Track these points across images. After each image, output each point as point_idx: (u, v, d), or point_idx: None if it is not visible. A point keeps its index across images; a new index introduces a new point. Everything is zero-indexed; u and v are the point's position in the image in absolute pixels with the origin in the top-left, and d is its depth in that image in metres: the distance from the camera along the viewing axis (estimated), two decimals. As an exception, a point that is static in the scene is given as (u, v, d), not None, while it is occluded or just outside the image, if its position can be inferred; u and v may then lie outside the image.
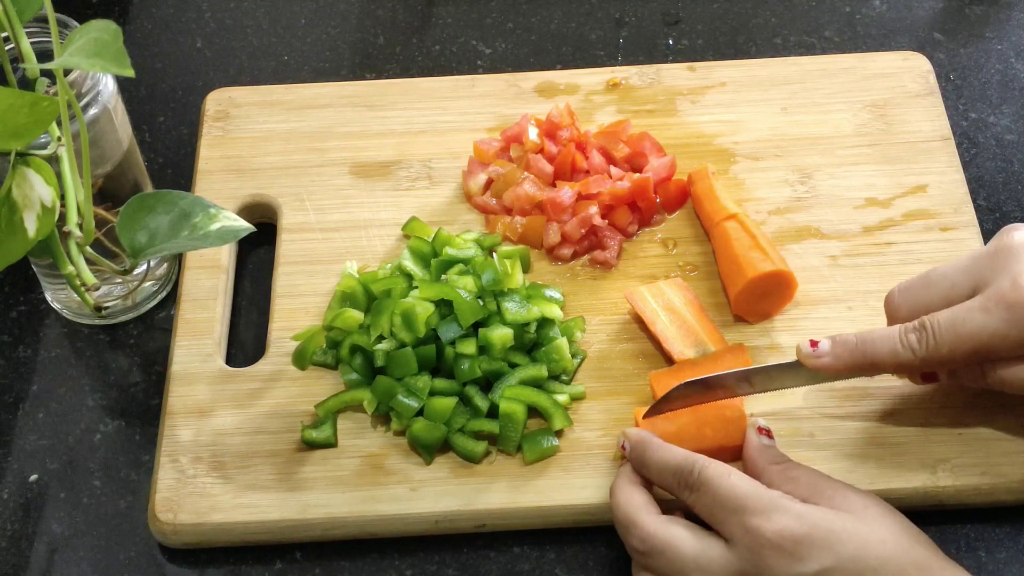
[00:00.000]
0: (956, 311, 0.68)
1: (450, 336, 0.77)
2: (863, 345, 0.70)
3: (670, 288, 0.81)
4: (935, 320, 0.69)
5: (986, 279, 0.68)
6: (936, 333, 0.68)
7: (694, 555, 0.66)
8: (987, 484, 0.74)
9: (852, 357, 0.71)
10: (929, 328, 0.69)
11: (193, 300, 0.83)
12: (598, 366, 0.80)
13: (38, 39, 0.73)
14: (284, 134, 0.91)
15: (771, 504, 0.66)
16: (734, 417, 0.74)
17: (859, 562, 0.64)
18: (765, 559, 0.65)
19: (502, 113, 0.92)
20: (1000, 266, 0.68)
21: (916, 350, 0.69)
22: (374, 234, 0.86)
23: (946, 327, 0.68)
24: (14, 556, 0.75)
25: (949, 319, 0.68)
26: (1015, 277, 0.67)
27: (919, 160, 0.88)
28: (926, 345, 0.68)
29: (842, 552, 0.64)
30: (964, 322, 0.68)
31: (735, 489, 0.67)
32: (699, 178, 0.87)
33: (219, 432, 0.77)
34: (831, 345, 0.71)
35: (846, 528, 0.65)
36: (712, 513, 0.67)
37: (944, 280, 0.70)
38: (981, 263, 0.69)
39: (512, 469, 0.76)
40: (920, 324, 0.69)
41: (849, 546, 0.64)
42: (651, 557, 0.68)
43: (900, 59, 0.94)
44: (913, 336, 0.69)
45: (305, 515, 0.74)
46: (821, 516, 0.66)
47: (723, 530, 0.67)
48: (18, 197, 0.67)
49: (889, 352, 0.70)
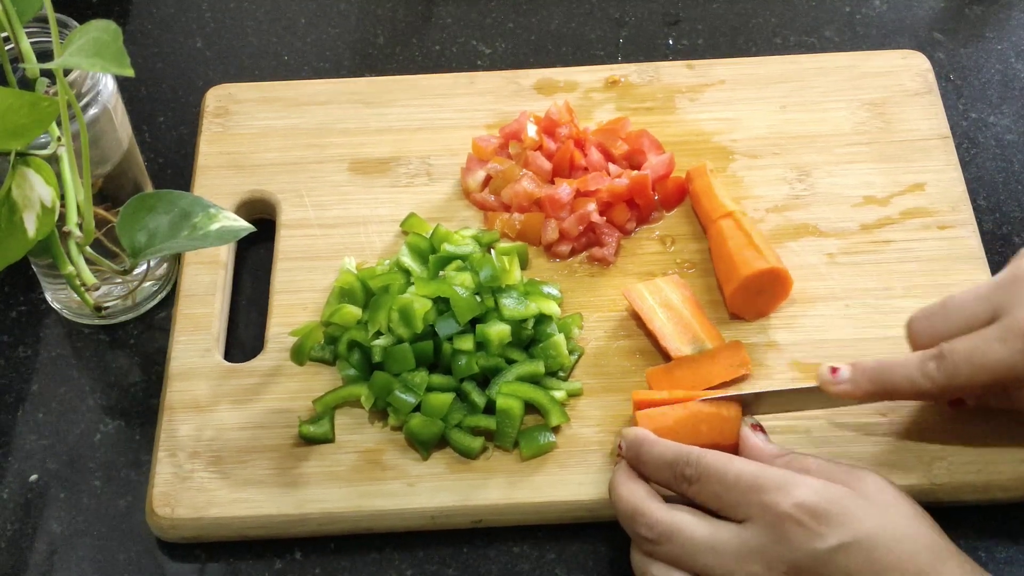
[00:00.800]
0: (975, 340, 0.68)
1: (448, 332, 0.77)
2: (882, 373, 0.70)
3: (668, 285, 0.81)
4: (953, 349, 0.68)
5: (1004, 307, 0.68)
6: (955, 362, 0.68)
7: (705, 537, 0.66)
8: (982, 482, 0.74)
9: (871, 384, 0.71)
10: (948, 357, 0.68)
11: (192, 296, 0.83)
12: (595, 363, 0.80)
13: (38, 39, 0.73)
14: (283, 130, 0.91)
15: (785, 479, 0.66)
16: (730, 416, 0.74)
17: (875, 540, 0.64)
18: (786, 533, 0.64)
19: (501, 110, 0.92)
20: (1018, 294, 0.67)
21: (935, 379, 0.68)
22: (373, 230, 0.86)
23: (964, 357, 0.68)
24: (14, 556, 0.75)
25: (968, 348, 0.68)
26: None
27: (917, 158, 0.88)
28: (945, 374, 0.68)
29: (859, 529, 0.64)
30: (982, 352, 0.67)
31: (744, 471, 0.67)
32: (697, 176, 0.87)
33: (217, 427, 0.77)
34: (851, 372, 0.71)
35: (861, 506, 0.65)
36: (721, 499, 0.67)
37: (963, 307, 0.70)
38: (999, 290, 0.69)
39: (509, 465, 0.76)
40: (939, 352, 0.68)
41: (866, 523, 0.65)
42: (660, 544, 0.67)
43: (899, 57, 0.94)
44: (932, 364, 0.68)
45: (302, 510, 0.74)
46: (838, 492, 0.66)
47: (737, 513, 0.66)
48: (18, 197, 0.67)
49: (908, 380, 0.69)
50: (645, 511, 0.68)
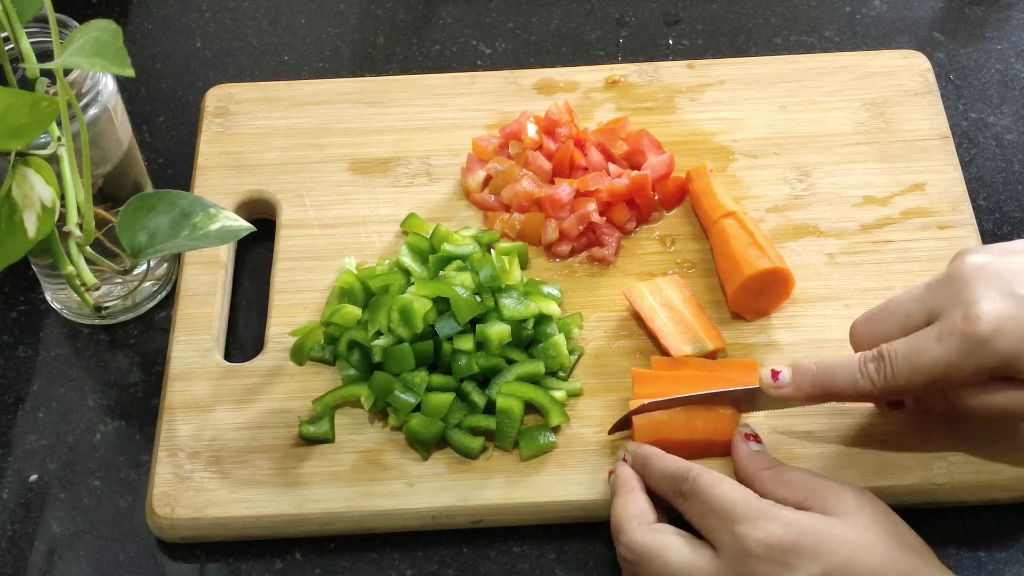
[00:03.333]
0: (912, 341, 0.68)
1: (448, 332, 0.77)
2: (822, 375, 0.71)
3: (668, 285, 0.81)
4: (892, 350, 0.69)
5: (940, 308, 0.68)
6: (893, 363, 0.68)
7: (680, 563, 0.67)
8: (982, 482, 0.74)
9: (812, 387, 0.71)
10: (887, 358, 0.69)
11: (192, 296, 0.83)
12: (595, 363, 0.80)
13: (38, 39, 0.73)
14: (284, 130, 0.91)
15: (759, 512, 0.66)
16: (726, 413, 0.74)
17: (847, 571, 0.64)
18: (752, 567, 0.65)
19: (501, 110, 0.92)
20: (953, 294, 0.68)
21: (875, 380, 0.69)
22: (373, 230, 0.86)
23: (903, 357, 0.68)
24: (14, 556, 0.75)
25: (906, 349, 0.68)
26: (967, 307, 0.67)
27: (917, 158, 0.88)
28: (884, 375, 0.69)
29: (830, 560, 0.64)
30: (920, 353, 0.68)
31: (725, 497, 0.67)
32: (697, 176, 0.87)
33: (217, 427, 0.77)
34: (791, 375, 0.71)
35: (834, 536, 0.65)
36: (703, 520, 0.68)
37: (901, 309, 0.70)
38: (935, 291, 0.69)
39: (509, 465, 0.76)
40: (878, 354, 0.69)
41: (838, 554, 0.64)
42: (638, 565, 0.68)
43: (899, 57, 0.94)
44: (872, 366, 0.69)
45: (302, 510, 0.74)
46: (810, 523, 0.66)
47: (713, 537, 0.67)
48: (18, 197, 0.67)
49: (848, 382, 0.70)
50: (626, 530, 0.69)
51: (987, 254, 0.69)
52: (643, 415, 0.75)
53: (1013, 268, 0.68)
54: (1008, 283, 0.67)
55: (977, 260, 0.69)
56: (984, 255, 0.69)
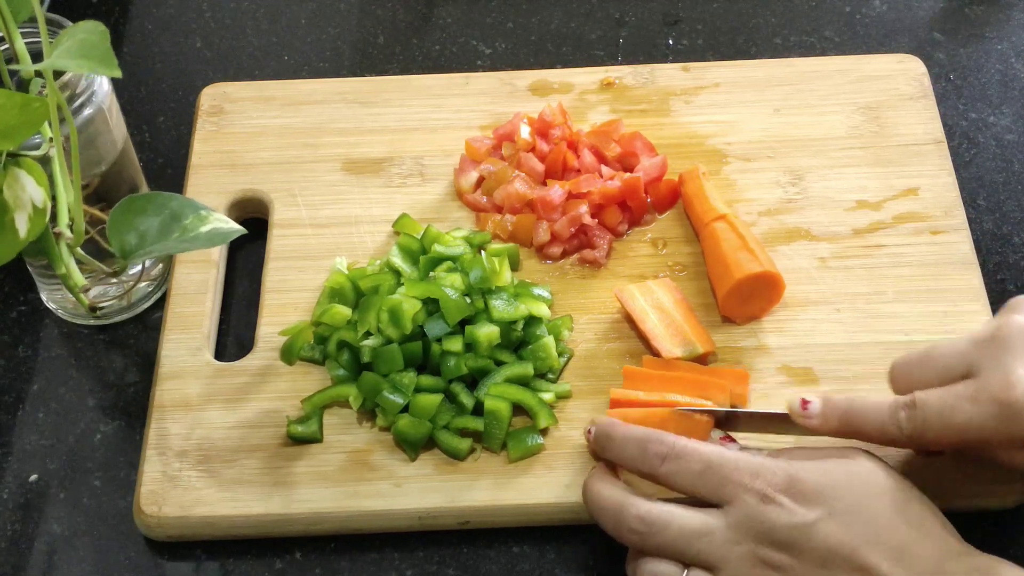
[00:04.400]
0: (946, 396, 0.67)
1: (437, 333, 0.77)
2: (852, 414, 0.69)
3: (659, 288, 0.81)
4: (927, 401, 0.67)
5: (979, 366, 0.66)
6: (925, 416, 0.67)
7: (695, 523, 0.66)
8: (971, 489, 0.74)
9: (840, 424, 0.70)
10: (919, 408, 0.67)
11: (183, 295, 0.83)
12: (585, 365, 0.80)
13: (36, 39, 0.73)
14: (277, 129, 0.91)
15: (762, 463, 0.66)
16: (701, 420, 0.74)
17: (855, 510, 0.65)
18: (765, 513, 0.65)
19: (495, 111, 0.92)
20: (995, 356, 0.66)
21: (903, 429, 0.68)
22: (365, 230, 0.86)
23: (935, 411, 0.67)
24: (14, 556, 0.75)
25: (939, 404, 0.67)
26: (1007, 374, 0.65)
27: (911, 163, 0.88)
28: (914, 426, 0.67)
29: (838, 503, 0.65)
30: (953, 410, 0.66)
31: (724, 454, 0.67)
32: (690, 178, 0.87)
33: (206, 426, 0.78)
34: (821, 408, 0.70)
35: (842, 478, 0.66)
36: (700, 479, 0.67)
37: (942, 361, 0.69)
38: (979, 348, 0.67)
39: (496, 466, 0.76)
40: (911, 402, 0.67)
41: (847, 497, 0.65)
42: (652, 536, 0.67)
43: (894, 62, 0.94)
44: (903, 414, 0.68)
45: (289, 510, 0.74)
46: (820, 466, 0.66)
47: (717, 493, 0.67)
48: (9, 198, 0.67)
49: (878, 425, 0.69)
50: (632, 504, 0.68)
51: None
52: (617, 410, 0.75)
53: None
54: None
55: None
56: None
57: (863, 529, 0.64)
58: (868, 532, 0.64)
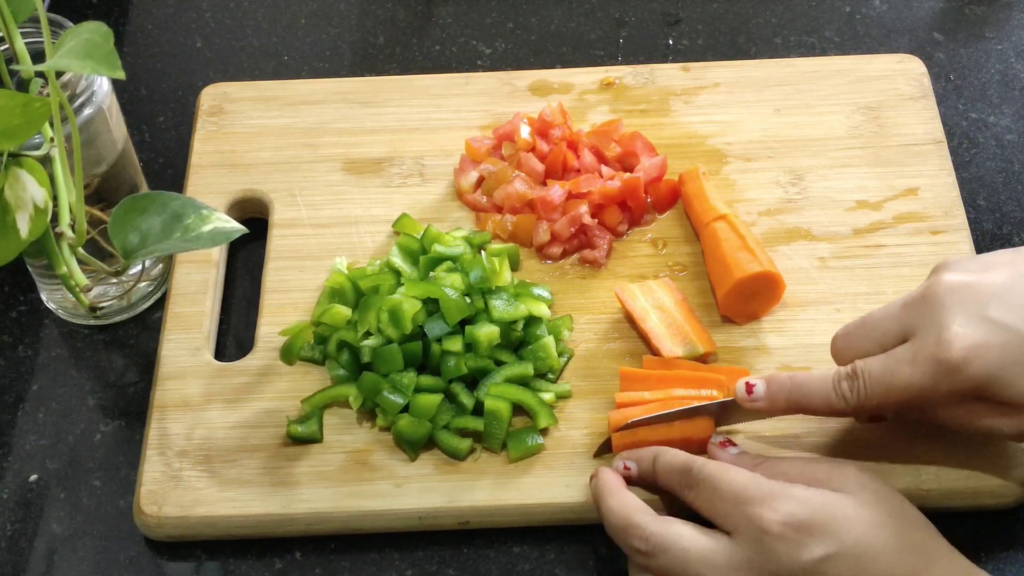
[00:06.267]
0: (886, 361, 0.68)
1: (436, 333, 0.77)
2: (797, 390, 0.70)
3: (660, 287, 0.81)
4: (866, 369, 0.68)
5: (914, 328, 0.67)
6: (867, 383, 0.68)
7: (698, 549, 0.66)
8: (970, 488, 0.74)
9: (787, 402, 0.71)
10: (861, 377, 0.68)
11: (183, 295, 0.83)
12: (585, 365, 0.80)
13: (36, 39, 0.73)
14: (277, 130, 0.91)
15: (771, 493, 0.66)
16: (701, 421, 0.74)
17: (861, 546, 0.65)
18: (770, 547, 0.65)
19: (495, 111, 0.92)
20: (927, 316, 0.67)
21: (848, 398, 0.69)
22: (365, 230, 0.86)
23: (876, 377, 0.68)
24: (14, 556, 0.75)
25: (880, 369, 0.68)
26: (940, 332, 0.66)
27: (911, 163, 0.88)
28: (857, 394, 0.68)
29: (845, 538, 0.65)
30: (893, 374, 0.67)
31: (735, 481, 0.67)
32: (690, 178, 0.87)
33: (206, 426, 0.78)
34: (766, 389, 0.71)
35: (847, 513, 0.65)
36: (714, 507, 0.68)
37: (878, 327, 0.70)
38: (911, 311, 0.68)
39: (496, 467, 0.76)
40: (852, 371, 0.69)
41: (851, 531, 0.65)
42: (654, 557, 0.67)
43: (894, 62, 0.94)
44: (845, 384, 0.69)
45: (289, 510, 0.74)
46: (822, 500, 0.66)
47: (726, 523, 0.67)
48: (10, 198, 0.68)
49: (822, 398, 0.70)
50: (638, 523, 0.68)
51: (964, 272, 0.68)
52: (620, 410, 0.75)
53: (989, 289, 0.67)
54: (982, 306, 0.66)
55: (952, 280, 0.67)
56: (961, 274, 0.68)
57: (871, 564, 0.64)
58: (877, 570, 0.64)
